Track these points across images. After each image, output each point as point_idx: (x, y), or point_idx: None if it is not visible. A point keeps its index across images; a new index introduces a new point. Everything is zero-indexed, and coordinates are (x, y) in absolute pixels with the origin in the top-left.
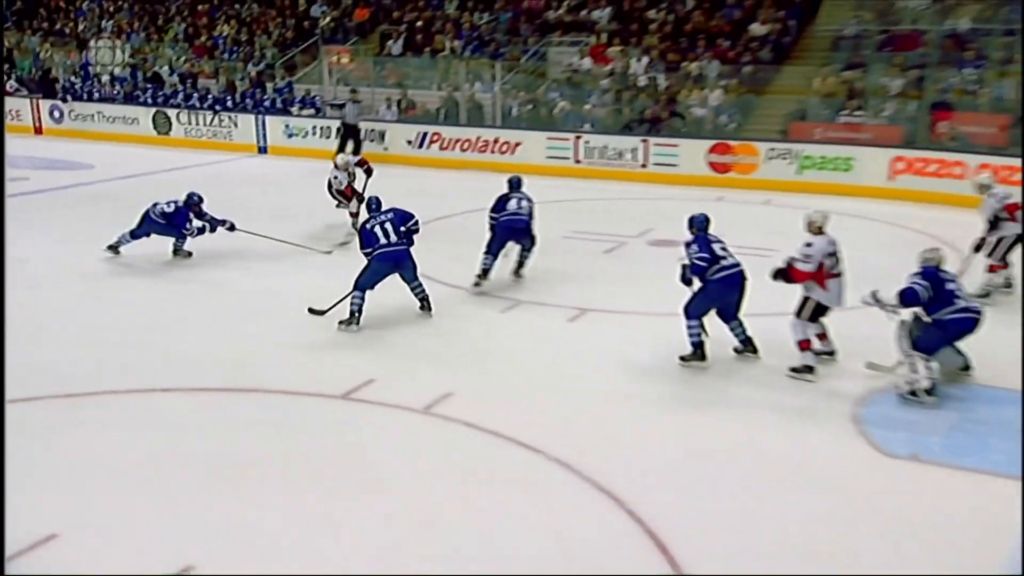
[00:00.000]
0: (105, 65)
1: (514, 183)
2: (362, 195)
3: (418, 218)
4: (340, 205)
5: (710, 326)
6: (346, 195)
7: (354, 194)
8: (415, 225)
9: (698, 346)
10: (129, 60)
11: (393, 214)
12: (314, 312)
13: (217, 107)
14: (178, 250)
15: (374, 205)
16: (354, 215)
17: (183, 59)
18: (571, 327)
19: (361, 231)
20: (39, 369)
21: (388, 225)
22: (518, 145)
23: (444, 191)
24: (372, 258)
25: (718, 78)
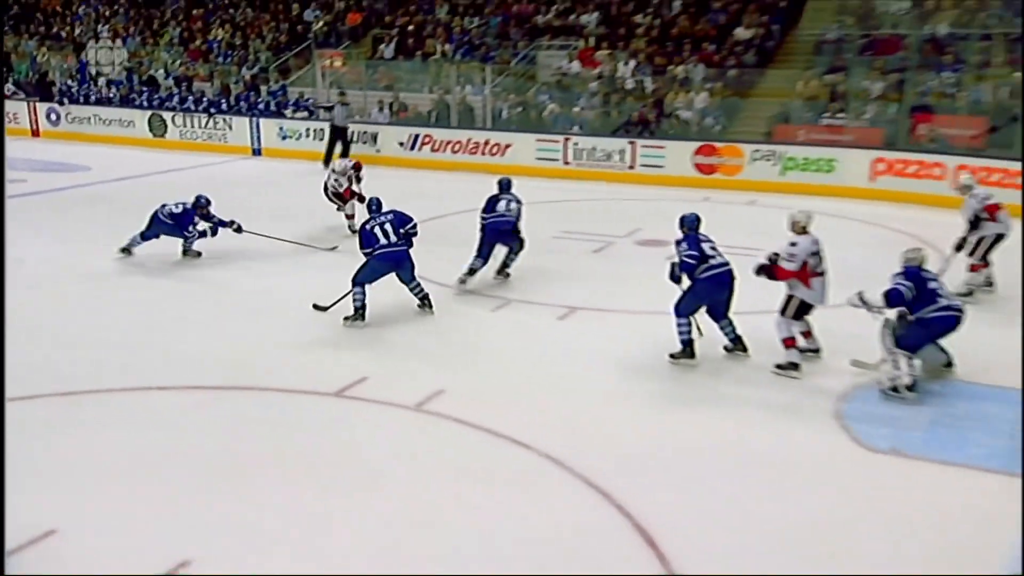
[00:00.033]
0: (104, 65)
1: (504, 185)
2: (363, 195)
3: (416, 221)
4: (340, 209)
5: (706, 327)
6: (343, 198)
7: (353, 196)
8: (413, 228)
9: (687, 344)
10: (125, 64)
11: (393, 215)
12: (318, 308)
13: (212, 110)
14: (187, 250)
15: (374, 206)
16: (350, 217)
17: (178, 62)
18: (560, 325)
19: (361, 231)
20: (38, 368)
21: (388, 226)
22: (508, 147)
23: (436, 192)
24: (372, 257)
25: (704, 81)
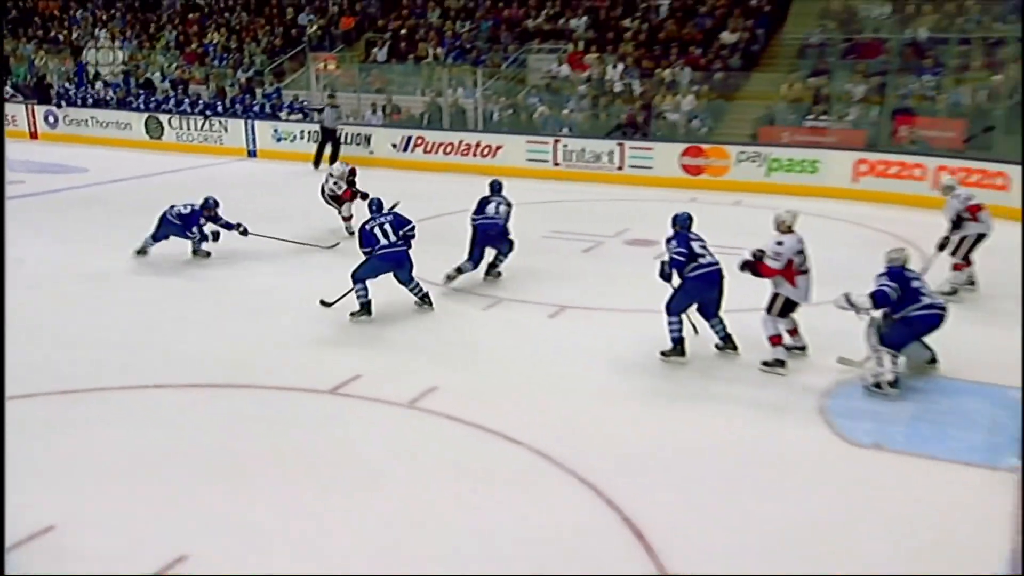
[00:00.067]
0: (103, 65)
1: (495, 187)
2: (366, 193)
3: (415, 224)
4: (339, 211)
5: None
6: (341, 200)
7: (354, 196)
8: (411, 230)
9: (678, 342)
10: (122, 67)
11: (392, 217)
12: (324, 304)
13: (208, 112)
14: (197, 251)
15: (375, 206)
16: (347, 219)
17: (174, 66)
18: (551, 323)
19: (361, 231)
20: (38, 367)
21: (388, 227)
22: (499, 148)
23: (428, 193)
24: (373, 257)
25: (690, 84)
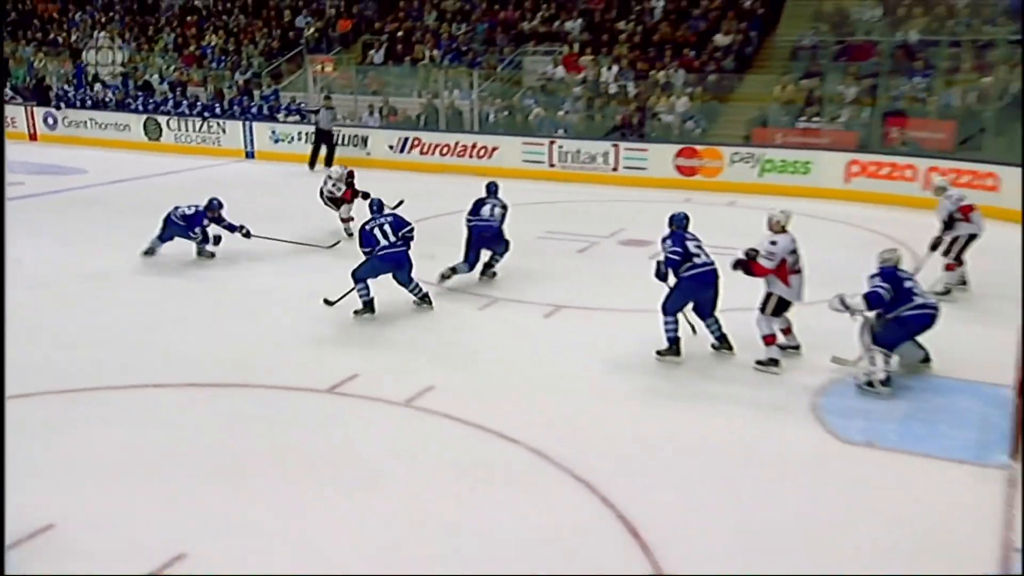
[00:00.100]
0: (103, 65)
1: (491, 189)
2: (367, 193)
3: (414, 225)
4: (339, 214)
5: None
6: (340, 201)
7: (355, 196)
8: (410, 232)
9: (674, 341)
10: (121, 69)
11: (392, 218)
12: (328, 302)
13: (206, 114)
14: (201, 251)
15: (375, 207)
16: (346, 220)
17: (173, 68)
18: (547, 323)
19: (361, 232)
20: (38, 367)
21: (387, 228)
22: (495, 150)
23: (424, 194)
24: (373, 257)
25: (684, 86)
